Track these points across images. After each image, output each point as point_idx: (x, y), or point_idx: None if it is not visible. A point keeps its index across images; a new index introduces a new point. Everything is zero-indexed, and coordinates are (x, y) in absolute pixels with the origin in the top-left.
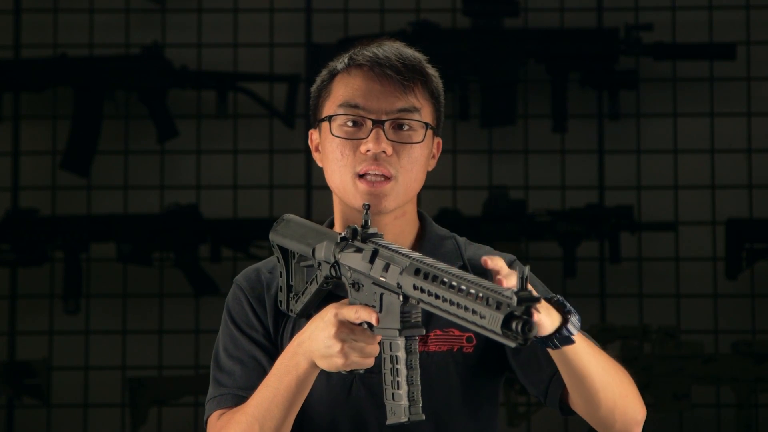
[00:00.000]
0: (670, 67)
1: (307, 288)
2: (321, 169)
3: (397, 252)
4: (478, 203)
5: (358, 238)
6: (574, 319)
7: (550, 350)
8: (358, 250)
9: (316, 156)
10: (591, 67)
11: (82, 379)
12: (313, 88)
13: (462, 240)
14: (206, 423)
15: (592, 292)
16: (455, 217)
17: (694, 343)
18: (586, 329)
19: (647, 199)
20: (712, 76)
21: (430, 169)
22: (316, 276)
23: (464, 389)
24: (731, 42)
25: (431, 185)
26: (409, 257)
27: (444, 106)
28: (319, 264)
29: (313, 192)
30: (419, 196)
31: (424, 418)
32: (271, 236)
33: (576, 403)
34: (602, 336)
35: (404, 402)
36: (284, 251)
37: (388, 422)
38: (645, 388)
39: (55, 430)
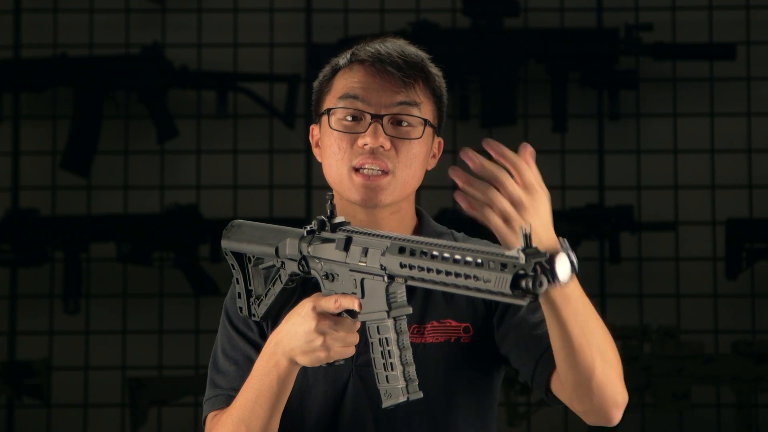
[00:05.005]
0: (670, 67)
1: (270, 289)
2: (321, 169)
3: (372, 235)
4: None
5: (327, 228)
6: (569, 258)
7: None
8: (328, 240)
9: (316, 152)
10: (591, 67)
11: (82, 379)
12: (315, 83)
13: (460, 235)
14: (204, 423)
15: (592, 292)
16: (455, 217)
17: (694, 343)
18: None
19: (647, 199)
20: (712, 76)
21: (429, 168)
22: (279, 275)
23: (463, 380)
24: (731, 42)
25: (431, 185)
26: (389, 237)
27: (446, 107)
28: (283, 263)
29: (313, 192)
30: (419, 195)
31: (422, 395)
32: (224, 243)
33: (557, 363)
34: None
35: (401, 382)
36: (239, 257)
37: (384, 405)
38: (645, 388)
39: (55, 430)
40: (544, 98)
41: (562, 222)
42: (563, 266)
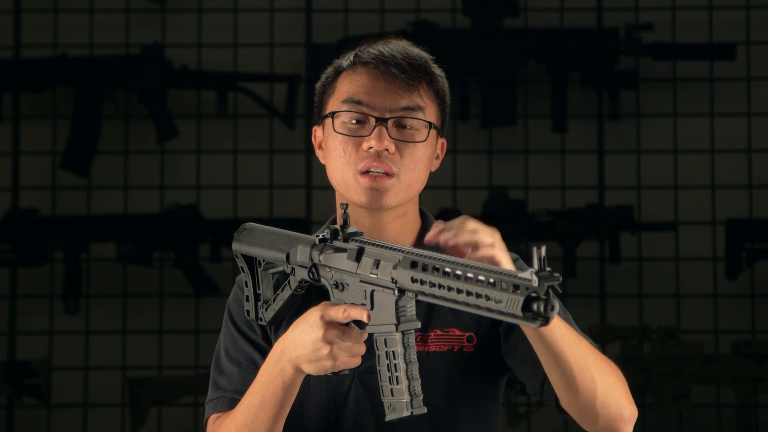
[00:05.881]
0: (670, 67)
1: (278, 294)
2: (321, 169)
3: (385, 247)
4: (478, 203)
5: (339, 238)
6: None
7: (524, 329)
8: (340, 250)
9: (319, 153)
10: (591, 67)
11: (82, 379)
12: (318, 85)
13: None
14: (205, 424)
15: (592, 292)
16: (455, 218)
17: (694, 343)
18: (586, 329)
19: (647, 199)
20: (712, 76)
21: (433, 169)
22: (289, 281)
23: (466, 389)
24: (731, 42)
25: (431, 185)
26: (401, 251)
27: (449, 107)
28: (292, 269)
29: (313, 192)
30: (420, 195)
31: (426, 410)
32: (235, 246)
33: (558, 392)
34: (602, 336)
35: (405, 397)
36: (249, 260)
37: (387, 418)
38: (645, 388)
39: (55, 430)
40: (544, 98)
41: (562, 222)
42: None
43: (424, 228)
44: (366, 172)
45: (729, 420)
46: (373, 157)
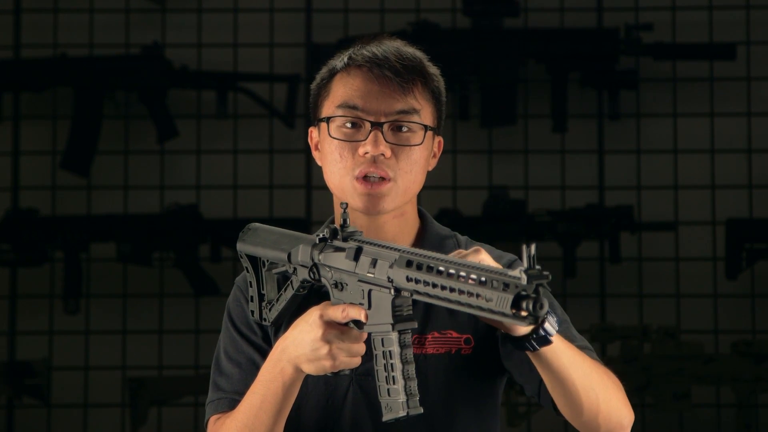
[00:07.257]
0: (670, 67)
1: (281, 295)
2: (321, 169)
3: (383, 247)
4: (478, 203)
5: (339, 237)
6: (552, 320)
7: (528, 353)
8: (339, 249)
9: (315, 154)
10: (591, 67)
11: (82, 379)
12: (313, 86)
13: (463, 239)
14: (206, 426)
15: (592, 292)
16: (455, 217)
17: (694, 343)
18: (586, 329)
19: (647, 199)
20: (712, 76)
21: (431, 168)
22: (291, 281)
23: (464, 391)
24: (731, 42)
25: (431, 185)
26: (398, 250)
27: (445, 105)
28: (295, 269)
29: (313, 192)
30: (419, 195)
31: (422, 410)
32: (239, 246)
33: (562, 410)
34: (602, 336)
35: (401, 397)
36: (253, 260)
37: (384, 419)
38: (645, 388)
39: (55, 430)
40: (544, 98)
41: (562, 222)
42: (552, 322)
43: (423, 228)
44: (363, 178)
45: (729, 420)
46: (369, 162)
